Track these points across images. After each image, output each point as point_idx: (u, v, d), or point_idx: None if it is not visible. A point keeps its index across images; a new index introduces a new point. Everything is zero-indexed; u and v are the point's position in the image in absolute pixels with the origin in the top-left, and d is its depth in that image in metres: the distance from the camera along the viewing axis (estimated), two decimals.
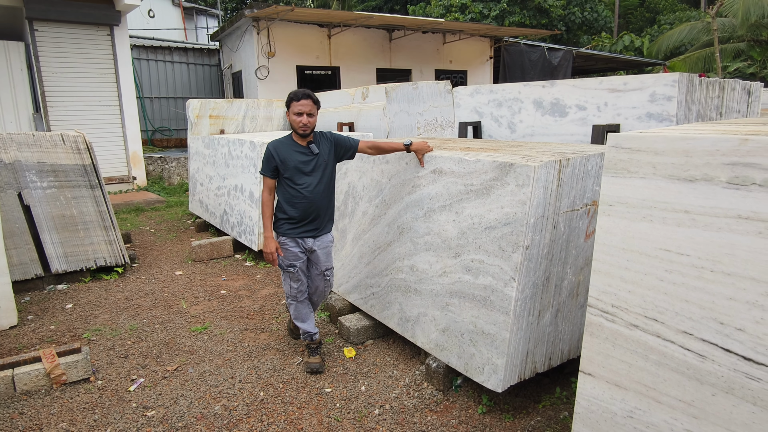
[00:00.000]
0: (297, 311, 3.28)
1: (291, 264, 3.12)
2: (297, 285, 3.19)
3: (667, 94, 3.28)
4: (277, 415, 2.79)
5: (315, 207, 3.06)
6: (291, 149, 3.03)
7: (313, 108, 3.00)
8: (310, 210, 3.05)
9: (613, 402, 1.90)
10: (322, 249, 3.18)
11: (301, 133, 3.01)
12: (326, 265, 3.25)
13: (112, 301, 4.48)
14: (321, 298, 3.42)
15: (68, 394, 3.01)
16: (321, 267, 3.24)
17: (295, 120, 2.98)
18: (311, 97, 3.00)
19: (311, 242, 3.13)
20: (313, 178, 3.03)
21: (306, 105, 2.97)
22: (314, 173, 3.04)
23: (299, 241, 3.10)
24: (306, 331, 3.28)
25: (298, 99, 2.97)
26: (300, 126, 2.98)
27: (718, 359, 1.59)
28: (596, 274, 1.93)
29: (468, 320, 2.75)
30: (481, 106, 4.67)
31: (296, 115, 2.98)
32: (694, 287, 1.64)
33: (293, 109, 2.98)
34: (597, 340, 1.94)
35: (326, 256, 3.23)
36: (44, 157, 4.77)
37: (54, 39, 8.83)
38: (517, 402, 2.86)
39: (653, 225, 1.74)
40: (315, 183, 3.03)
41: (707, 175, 1.60)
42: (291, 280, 3.18)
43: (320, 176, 3.06)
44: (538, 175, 2.41)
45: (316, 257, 3.19)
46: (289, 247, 3.09)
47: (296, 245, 3.10)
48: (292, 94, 3.02)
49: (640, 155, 1.78)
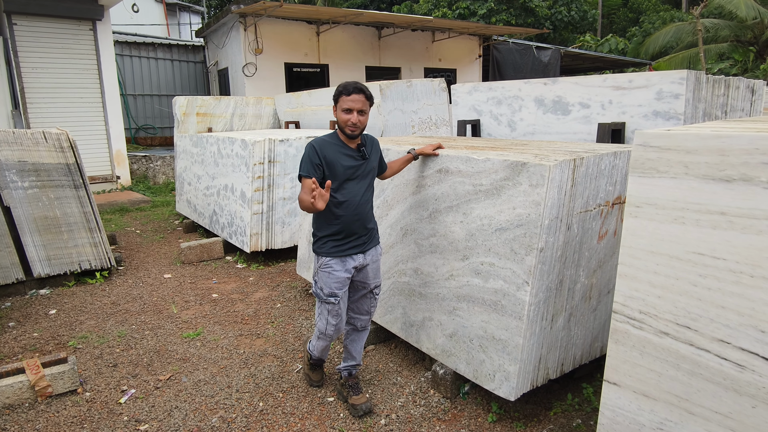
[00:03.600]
0: (322, 347, 2.83)
1: (333, 293, 2.59)
2: (336, 321, 2.66)
3: (675, 92, 3.21)
4: (278, 427, 2.65)
5: (361, 217, 2.60)
6: (338, 150, 2.55)
7: (365, 104, 2.51)
8: (356, 221, 2.59)
9: (640, 413, 1.81)
10: (373, 263, 2.73)
11: (349, 134, 2.52)
12: (375, 281, 2.78)
13: (99, 306, 4.30)
14: (368, 322, 2.88)
15: (54, 407, 2.83)
16: (370, 284, 2.75)
17: (344, 118, 2.49)
18: (364, 92, 2.50)
19: (361, 258, 2.65)
20: (360, 186, 2.59)
21: (357, 101, 2.47)
22: (363, 180, 2.61)
23: (347, 260, 2.61)
24: (321, 359, 2.95)
25: (349, 93, 2.47)
26: (349, 125, 2.49)
27: (759, 369, 1.51)
28: (622, 278, 1.84)
29: (477, 325, 2.65)
30: (479, 104, 4.58)
31: (345, 112, 2.49)
32: (732, 293, 1.56)
33: (342, 104, 2.50)
34: (623, 347, 1.85)
35: (375, 272, 2.77)
36: (25, 156, 4.55)
37: (34, 34, 8.53)
38: (528, 409, 2.77)
39: (685, 227, 1.66)
40: (363, 191, 2.60)
41: (746, 175, 1.51)
42: (330, 314, 2.64)
43: (368, 184, 2.65)
44: (553, 175, 2.32)
45: (365, 274, 2.71)
46: (334, 270, 2.58)
47: (343, 268, 2.59)
48: (342, 86, 2.51)
49: (670, 154, 1.69)
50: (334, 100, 2.55)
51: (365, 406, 2.73)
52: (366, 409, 2.73)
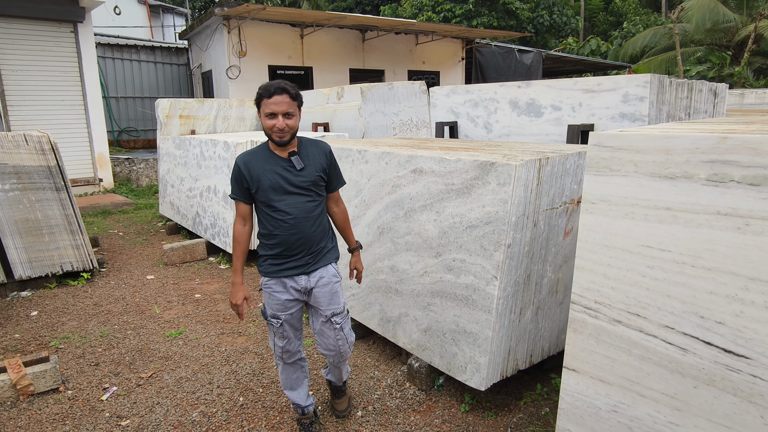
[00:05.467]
0: (285, 375, 2.52)
1: (275, 315, 2.37)
2: (282, 343, 2.41)
3: (640, 95, 3.36)
4: (257, 420, 2.73)
5: (303, 235, 2.30)
6: (265, 163, 2.26)
7: (291, 106, 2.18)
8: (297, 240, 2.29)
9: (597, 397, 1.92)
10: (321, 287, 2.38)
11: (278, 141, 2.21)
12: (331, 309, 2.41)
13: (81, 307, 4.32)
14: (339, 359, 2.53)
15: (36, 405, 2.88)
16: (323, 311, 2.41)
17: (268, 124, 2.18)
18: (288, 92, 2.17)
19: (304, 280, 2.35)
20: (299, 200, 2.28)
21: (281, 103, 2.15)
22: (302, 193, 2.29)
23: (287, 282, 2.34)
24: (295, 403, 2.55)
25: (270, 95, 2.15)
26: (276, 131, 2.18)
27: (700, 352, 1.63)
28: (579, 271, 1.96)
29: (450, 320, 2.75)
30: (457, 107, 4.70)
31: (269, 117, 2.18)
32: (676, 282, 1.68)
33: (264, 108, 2.18)
34: (581, 336, 1.96)
35: (330, 296, 2.40)
36: (6, 158, 4.56)
37: (14, 35, 8.48)
38: (499, 399, 2.87)
39: (635, 222, 1.77)
40: (302, 205, 2.28)
41: (687, 173, 1.64)
42: (276, 336, 2.41)
43: (309, 196, 2.31)
44: (519, 174, 2.43)
45: (315, 299, 2.40)
46: (273, 291, 2.35)
47: (284, 289, 2.34)
48: (262, 88, 2.19)
49: (621, 153, 1.81)
50: (256, 104, 2.24)
51: (342, 413, 2.74)
52: (341, 416, 2.74)
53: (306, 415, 2.59)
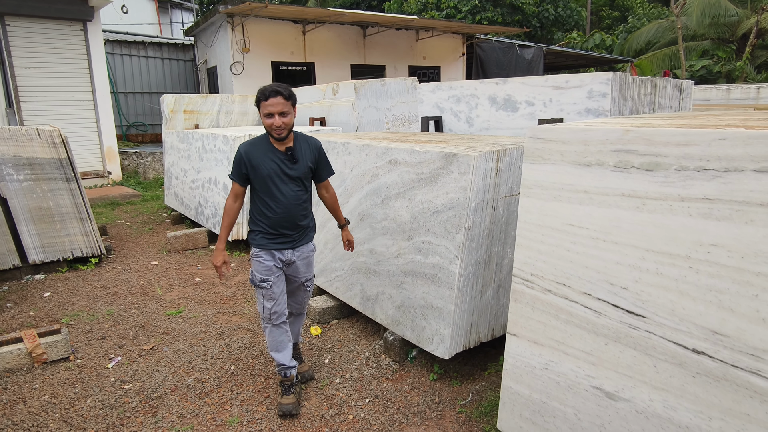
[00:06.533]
0: (272, 337, 2.80)
1: (264, 279, 2.70)
2: (271, 305, 2.73)
3: (602, 91, 3.61)
4: (245, 386, 3.04)
5: (291, 216, 2.70)
6: (266, 154, 2.65)
7: (285, 106, 2.54)
8: (286, 220, 2.70)
9: (532, 357, 2.21)
10: (302, 260, 2.83)
11: (276, 137, 2.59)
12: (306, 275, 2.91)
13: (89, 289, 4.66)
14: (302, 308, 3.06)
15: (49, 371, 3.21)
16: (300, 278, 2.89)
17: (267, 123, 2.57)
18: (282, 93, 2.53)
19: (290, 254, 2.77)
20: (290, 188, 2.68)
21: (277, 104, 2.52)
22: (292, 182, 2.68)
23: (275, 254, 2.73)
24: (280, 363, 2.81)
25: (266, 98, 2.52)
26: (274, 129, 2.56)
27: (609, 314, 1.91)
28: (519, 248, 2.24)
29: (420, 296, 3.04)
30: (441, 102, 4.96)
31: (267, 117, 2.55)
32: (592, 255, 1.95)
33: (263, 110, 2.56)
34: (519, 304, 2.24)
35: (306, 267, 2.88)
36: (20, 151, 4.90)
37: (26, 34, 8.85)
38: (465, 370, 3.16)
39: (561, 204, 2.05)
40: (293, 192, 2.69)
41: (600, 161, 1.91)
42: (264, 298, 2.73)
43: (300, 185, 2.72)
44: (478, 164, 2.71)
45: (295, 268, 2.84)
46: (264, 260, 2.71)
47: (271, 258, 2.72)
48: (260, 92, 2.56)
49: (551, 144, 2.08)
50: (257, 106, 2.61)
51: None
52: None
53: (288, 377, 2.84)
